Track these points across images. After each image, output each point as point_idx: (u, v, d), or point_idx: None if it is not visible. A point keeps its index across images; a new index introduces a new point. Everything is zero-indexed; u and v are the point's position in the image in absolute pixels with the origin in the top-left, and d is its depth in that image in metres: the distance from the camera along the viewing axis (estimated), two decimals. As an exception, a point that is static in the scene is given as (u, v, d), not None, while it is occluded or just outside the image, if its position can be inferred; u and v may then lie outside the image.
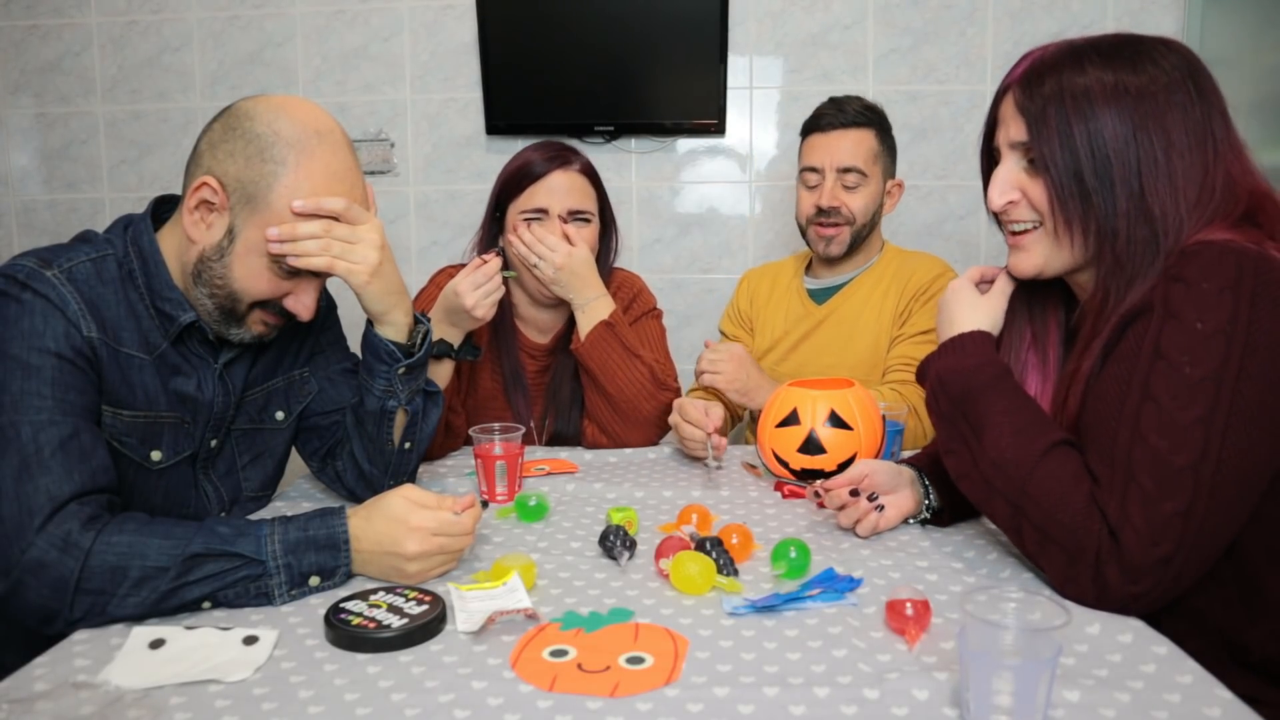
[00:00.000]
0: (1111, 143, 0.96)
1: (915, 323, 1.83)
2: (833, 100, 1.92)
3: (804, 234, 1.96)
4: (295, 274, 1.15)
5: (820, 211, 1.88)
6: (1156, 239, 0.96)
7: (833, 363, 1.87)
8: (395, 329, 1.25)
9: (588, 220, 1.68)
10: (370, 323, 1.27)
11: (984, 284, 1.19)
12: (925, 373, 1.14)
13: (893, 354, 1.83)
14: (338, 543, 1.04)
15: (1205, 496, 0.88)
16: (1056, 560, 0.95)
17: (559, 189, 1.64)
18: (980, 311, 1.14)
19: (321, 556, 1.03)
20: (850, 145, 1.86)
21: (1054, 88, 0.98)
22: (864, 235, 1.90)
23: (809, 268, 2.04)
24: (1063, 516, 0.93)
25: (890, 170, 1.94)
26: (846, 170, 1.86)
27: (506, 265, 1.61)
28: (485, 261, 1.49)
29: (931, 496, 1.23)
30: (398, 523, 1.04)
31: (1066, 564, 0.94)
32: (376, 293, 1.20)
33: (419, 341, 1.28)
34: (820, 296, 1.96)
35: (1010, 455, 0.98)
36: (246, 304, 1.15)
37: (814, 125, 1.91)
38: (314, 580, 1.03)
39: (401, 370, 1.25)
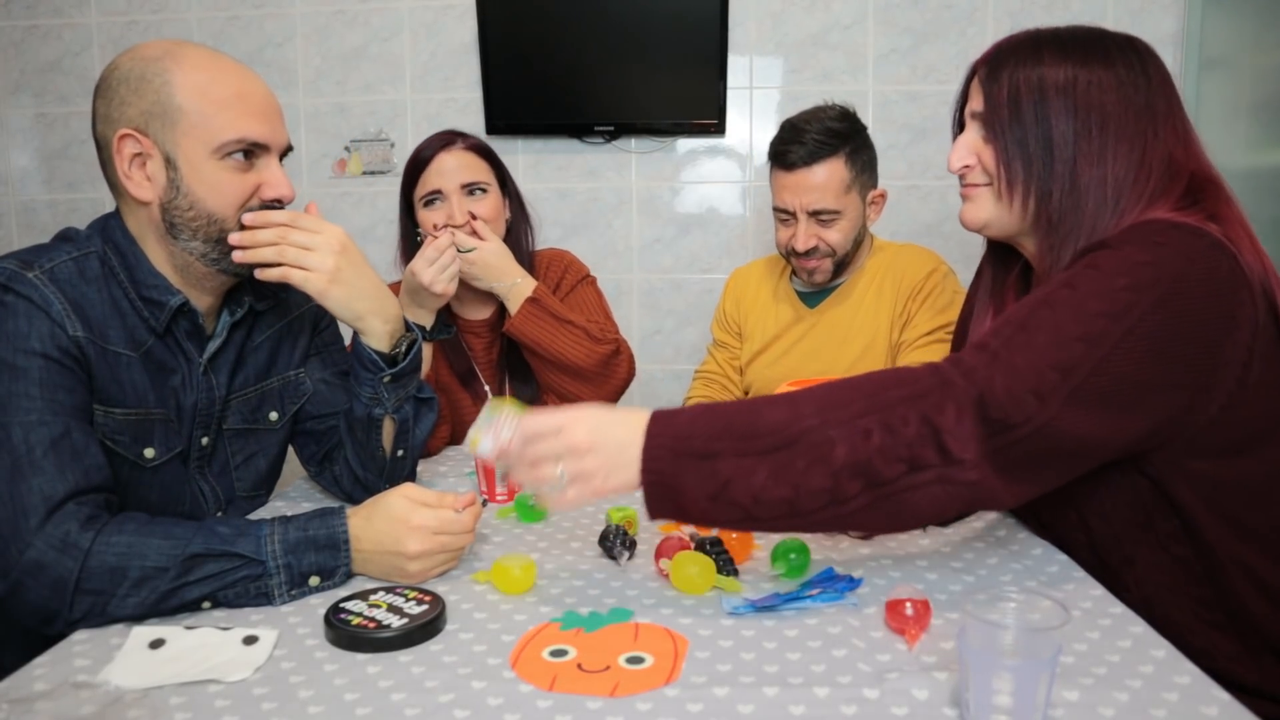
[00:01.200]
0: (1055, 118, 1.05)
1: (917, 325, 1.81)
2: (793, 128, 1.78)
3: (786, 259, 1.91)
4: (249, 155, 1.14)
5: (796, 250, 1.82)
6: (1079, 206, 1.05)
7: (825, 367, 1.86)
8: (375, 337, 1.23)
9: (485, 190, 1.70)
10: None
11: None
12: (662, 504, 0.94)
13: (902, 362, 1.81)
14: (338, 542, 1.04)
15: (1086, 374, 0.90)
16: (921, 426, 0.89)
17: (448, 168, 1.67)
18: (621, 412, 0.97)
19: (321, 556, 1.03)
20: (819, 184, 1.76)
21: (1012, 69, 1.08)
22: (848, 260, 1.86)
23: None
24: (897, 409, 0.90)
25: (870, 183, 1.83)
26: (817, 212, 1.78)
27: None
28: (435, 238, 1.52)
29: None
30: (398, 522, 1.04)
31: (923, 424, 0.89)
32: (340, 299, 1.18)
33: (404, 350, 1.26)
34: (812, 300, 1.93)
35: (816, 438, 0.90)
36: (234, 223, 1.14)
37: (778, 160, 1.80)
38: (314, 580, 1.03)
39: (386, 379, 1.24)
